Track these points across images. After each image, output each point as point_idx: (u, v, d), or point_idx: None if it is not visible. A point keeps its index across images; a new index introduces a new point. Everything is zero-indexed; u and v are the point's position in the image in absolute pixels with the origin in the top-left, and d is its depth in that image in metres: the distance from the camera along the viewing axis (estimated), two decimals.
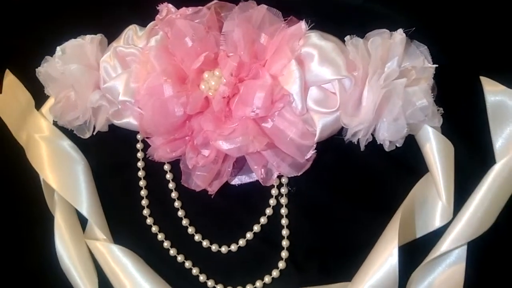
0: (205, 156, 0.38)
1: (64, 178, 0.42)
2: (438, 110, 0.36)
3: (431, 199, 0.37)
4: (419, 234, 0.37)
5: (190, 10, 0.38)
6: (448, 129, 0.37)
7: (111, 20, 0.43)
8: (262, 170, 0.38)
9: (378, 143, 0.36)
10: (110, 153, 0.44)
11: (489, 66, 0.38)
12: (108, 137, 0.42)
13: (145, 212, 0.42)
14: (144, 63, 0.39)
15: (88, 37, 0.42)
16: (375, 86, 0.35)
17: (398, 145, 0.36)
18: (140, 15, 0.41)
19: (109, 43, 0.42)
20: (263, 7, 0.37)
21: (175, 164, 0.41)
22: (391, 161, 0.38)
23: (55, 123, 0.43)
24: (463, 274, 0.36)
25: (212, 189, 0.39)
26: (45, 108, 0.44)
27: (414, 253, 0.37)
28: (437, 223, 0.36)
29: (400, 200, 0.37)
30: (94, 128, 0.41)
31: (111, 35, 0.42)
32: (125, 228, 0.42)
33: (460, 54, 0.39)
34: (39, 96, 0.45)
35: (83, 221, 0.43)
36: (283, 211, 0.39)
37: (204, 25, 0.38)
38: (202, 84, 0.39)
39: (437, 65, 0.36)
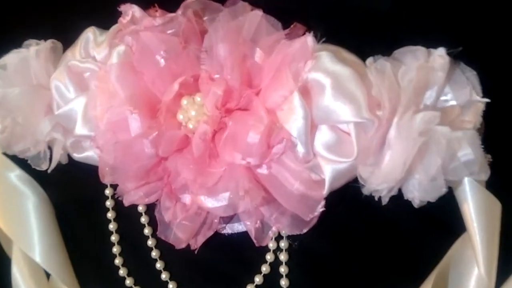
0: (186, 207, 0.31)
1: (12, 217, 0.35)
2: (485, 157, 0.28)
3: (467, 263, 0.30)
4: None
5: (158, 20, 0.29)
6: (495, 182, 0.29)
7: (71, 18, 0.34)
8: (256, 225, 0.31)
9: (405, 198, 0.28)
10: (75, 187, 0.36)
11: None
12: (72, 166, 0.34)
13: (117, 261, 0.35)
14: (104, 83, 0.31)
15: (33, 49, 0.32)
16: (405, 131, 0.26)
17: (430, 201, 0.28)
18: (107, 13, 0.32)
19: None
20: (258, 13, 0.28)
21: (152, 204, 0.33)
22: (421, 216, 0.30)
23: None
24: None
25: (196, 244, 0.32)
26: None
27: None
28: None
29: (431, 266, 0.30)
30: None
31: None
32: (95, 278, 0.36)
33: None
34: None
35: None
36: (283, 269, 0.32)
37: (179, 37, 0.29)
38: (179, 113, 0.30)
39: (489, 100, 0.27)
